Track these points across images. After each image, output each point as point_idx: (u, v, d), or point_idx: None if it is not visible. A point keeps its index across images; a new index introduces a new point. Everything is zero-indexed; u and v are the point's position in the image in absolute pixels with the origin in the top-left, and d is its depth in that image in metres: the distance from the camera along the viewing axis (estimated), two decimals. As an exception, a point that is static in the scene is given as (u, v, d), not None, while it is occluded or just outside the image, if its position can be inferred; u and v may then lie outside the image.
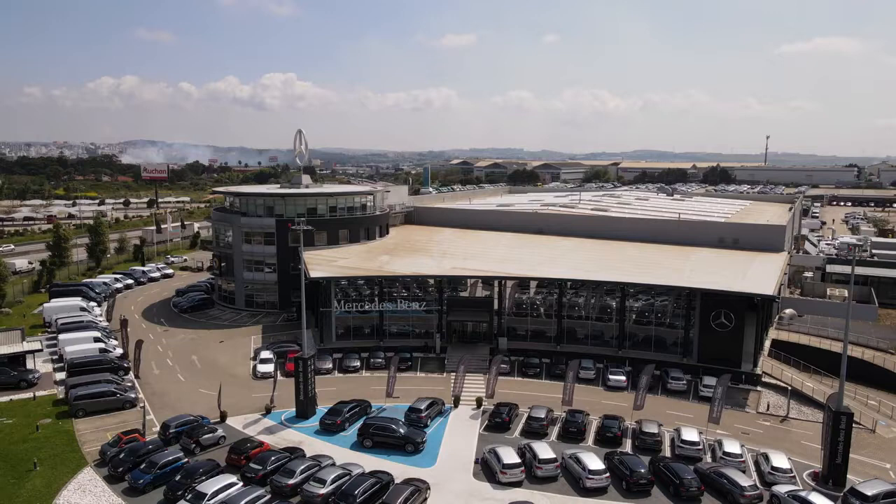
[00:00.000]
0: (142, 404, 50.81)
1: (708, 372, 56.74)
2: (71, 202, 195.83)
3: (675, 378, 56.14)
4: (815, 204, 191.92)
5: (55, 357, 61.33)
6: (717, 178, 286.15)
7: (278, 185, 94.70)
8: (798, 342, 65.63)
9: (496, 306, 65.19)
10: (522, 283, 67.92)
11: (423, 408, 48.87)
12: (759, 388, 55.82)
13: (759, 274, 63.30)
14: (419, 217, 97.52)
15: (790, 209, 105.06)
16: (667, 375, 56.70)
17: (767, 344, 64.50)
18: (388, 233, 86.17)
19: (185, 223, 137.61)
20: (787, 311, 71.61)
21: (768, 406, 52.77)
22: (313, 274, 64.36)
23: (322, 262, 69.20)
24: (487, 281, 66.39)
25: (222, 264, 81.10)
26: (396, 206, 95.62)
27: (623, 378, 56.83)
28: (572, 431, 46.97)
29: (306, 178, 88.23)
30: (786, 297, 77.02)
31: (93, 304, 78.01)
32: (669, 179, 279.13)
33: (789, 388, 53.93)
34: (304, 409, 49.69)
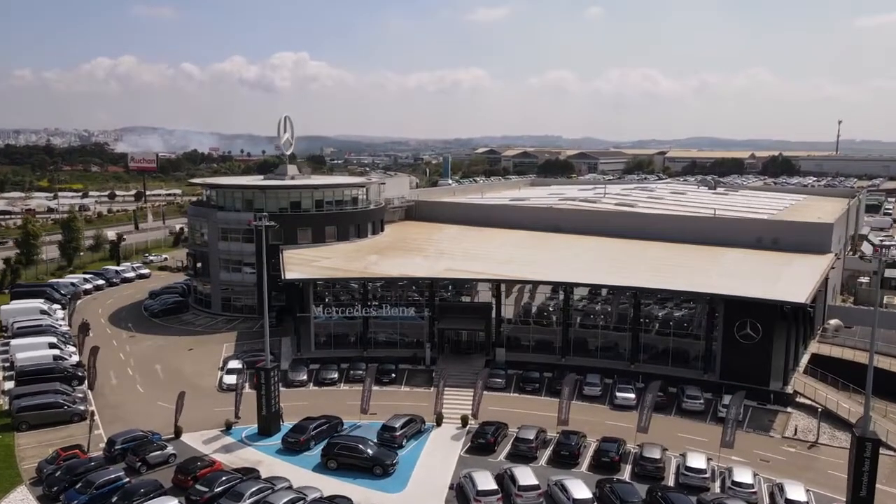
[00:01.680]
0: (93, 417, 51.72)
1: (731, 390, 55.75)
2: (52, 195, 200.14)
3: (691, 396, 55.47)
4: (889, 199, 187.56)
5: (6, 364, 62.77)
6: (779, 168, 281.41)
7: (262, 177, 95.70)
8: (841, 357, 64.23)
9: (495, 313, 64.98)
10: (532, 287, 67.55)
11: (397, 426, 49.02)
12: (788, 410, 54.84)
13: (794, 278, 62.21)
14: (421, 212, 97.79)
15: (849, 204, 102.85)
16: (682, 393, 56.04)
17: (805, 359, 63.34)
18: (382, 230, 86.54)
19: (167, 219, 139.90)
20: (832, 321, 70.23)
21: (796, 430, 51.81)
22: (289, 275, 65.01)
23: (301, 262, 69.83)
24: (496, 284, 65.88)
25: (197, 264, 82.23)
26: (395, 199, 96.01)
27: (632, 396, 56.28)
28: (564, 455, 46.70)
29: (292, 169, 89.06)
30: (832, 305, 75.69)
31: (56, 306, 79.71)
32: (723, 171, 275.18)
33: (820, 409, 52.84)
34: (267, 425, 50.20)
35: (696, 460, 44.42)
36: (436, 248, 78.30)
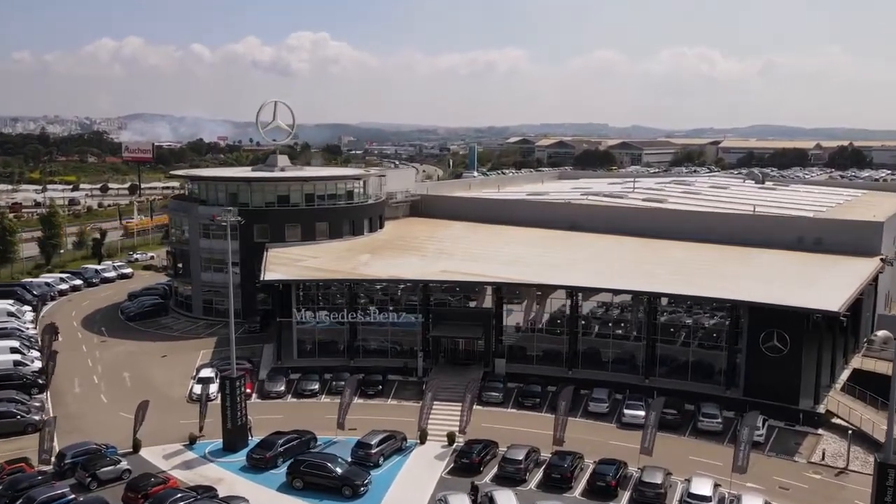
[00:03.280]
0: (48, 428, 52.70)
1: (755, 408, 55.09)
2: (41, 188, 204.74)
3: (707, 415, 54.83)
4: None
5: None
6: (847, 160, 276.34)
7: (250, 168, 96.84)
8: (887, 373, 62.77)
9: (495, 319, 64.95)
10: (543, 292, 67.33)
11: (373, 443, 49.35)
12: (819, 432, 53.97)
13: (831, 284, 61.15)
14: (427, 208, 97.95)
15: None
16: (699, 411, 55.45)
17: (845, 375, 62.28)
18: (382, 226, 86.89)
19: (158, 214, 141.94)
20: (881, 332, 68.79)
21: (824, 455, 50.98)
22: (268, 276, 65.71)
23: (286, 262, 70.57)
24: (496, 288, 65.85)
25: (178, 264, 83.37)
26: (398, 193, 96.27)
27: (641, 413, 55.62)
28: (556, 478, 46.56)
29: (283, 160, 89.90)
30: (883, 314, 74.20)
31: (26, 308, 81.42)
32: (783, 162, 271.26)
33: (850, 431, 51.87)
34: (233, 439, 50.81)
35: (701, 486, 43.96)
36: (437, 247, 78.49)
